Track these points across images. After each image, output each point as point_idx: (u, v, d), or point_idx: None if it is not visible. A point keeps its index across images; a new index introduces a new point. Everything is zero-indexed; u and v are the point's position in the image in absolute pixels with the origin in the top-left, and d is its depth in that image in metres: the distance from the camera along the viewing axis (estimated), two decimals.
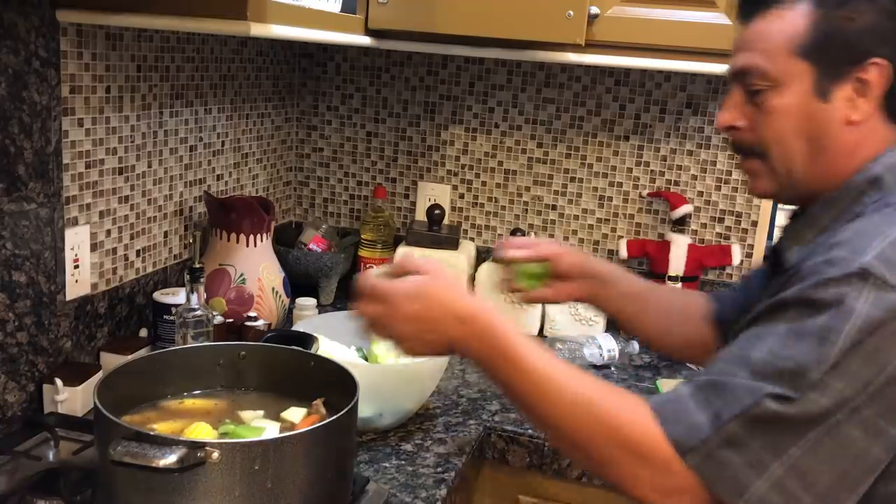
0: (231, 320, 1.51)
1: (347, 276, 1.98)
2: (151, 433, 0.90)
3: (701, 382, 0.86)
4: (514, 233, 1.94)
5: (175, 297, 1.47)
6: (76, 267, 1.36)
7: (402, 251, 1.88)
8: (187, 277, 1.37)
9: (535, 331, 1.86)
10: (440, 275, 0.97)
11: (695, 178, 1.92)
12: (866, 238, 0.82)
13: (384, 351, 1.38)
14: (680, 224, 1.90)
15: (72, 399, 1.29)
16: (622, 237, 1.98)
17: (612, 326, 1.82)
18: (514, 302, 1.85)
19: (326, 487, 0.99)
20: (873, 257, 0.80)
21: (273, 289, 1.64)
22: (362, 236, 1.97)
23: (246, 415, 1.11)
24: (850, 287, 0.79)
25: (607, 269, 1.27)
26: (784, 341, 0.81)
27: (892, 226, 0.83)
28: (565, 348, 1.70)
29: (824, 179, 0.95)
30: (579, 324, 1.84)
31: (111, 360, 1.39)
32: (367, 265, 1.96)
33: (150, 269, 1.58)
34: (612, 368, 1.70)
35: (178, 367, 1.14)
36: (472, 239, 2.08)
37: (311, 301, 1.69)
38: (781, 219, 1.93)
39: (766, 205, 1.89)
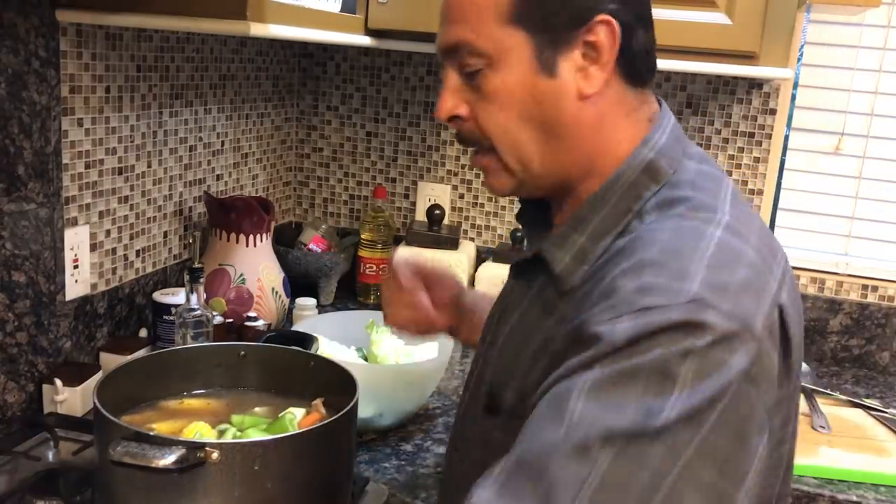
0: (231, 320, 1.51)
1: (347, 277, 1.98)
2: (151, 433, 0.90)
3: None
4: (514, 233, 1.94)
5: (175, 297, 1.47)
6: (76, 267, 1.36)
7: (401, 251, 1.88)
8: (187, 277, 1.37)
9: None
10: None
11: None
12: (680, 259, 0.67)
13: (384, 351, 1.38)
14: None
15: (71, 399, 1.29)
16: None
17: None
18: None
19: (326, 487, 0.98)
20: (701, 286, 0.64)
21: (273, 289, 1.64)
22: (362, 236, 1.97)
23: (260, 410, 1.12)
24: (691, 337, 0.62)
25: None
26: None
27: (699, 239, 0.69)
28: None
29: (573, 166, 0.80)
30: None
31: (111, 361, 1.39)
32: (367, 265, 1.96)
33: (149, 270, 1.58)
34: None
35: (178, 368, 1.14)
36: (472, 239, 2.08)
37: (311, 301, 1.69)
38: (782, 219, 1.93)
39: (767, 204, 1.89)
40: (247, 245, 1.61)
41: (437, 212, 1.90)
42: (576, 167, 0.81)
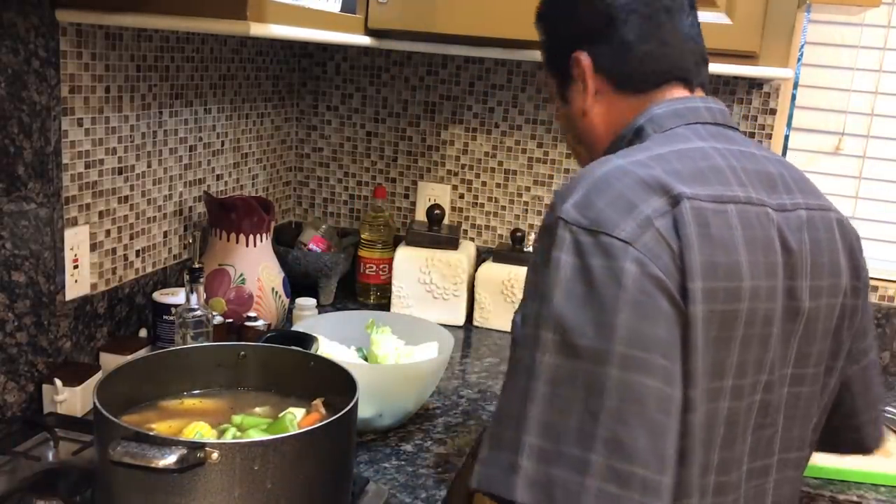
0: (231, 320, 1.51)
1: (347, 277, 1.98)
2: (151, 433, 0.90)
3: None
4: (514, 233, 1.94)
5: (175, 297, 1.47)
6: (76, 267, 1.36)
7: (402, 251, 1.88)
8: (187, 277, 1.37)
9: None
10: None
11: None
12: (574, 183, 0.84)
13: (384, 351, 1.38)
14: None
15: (71, 399, 1.29)
16: None
17: None
18: (513, 302, 1.85)
19: (326, 487, 0.98)
20: (571, 204, 0.81)
21: (273, 289, 1.64)
22: (362, 236, 1.97)
23: (260, 410, 1.12)
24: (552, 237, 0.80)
25: None
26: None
27: (602, 164, 0.84)
28: None
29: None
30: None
31: (111, 361, 1.39)
32: (367, 265, 1.96)
33: (149, 270, 1.58)
34: None
35: (178, 368, 1.14)
36: (472, 239, 2.08)
37: (311, 301, 1.69)
38: None
39: None
40: (247, 245, 1.61)
41: (437, 212, 1.90)
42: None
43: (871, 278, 1.85)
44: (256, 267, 1.62)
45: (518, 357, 0.80)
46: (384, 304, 1.94)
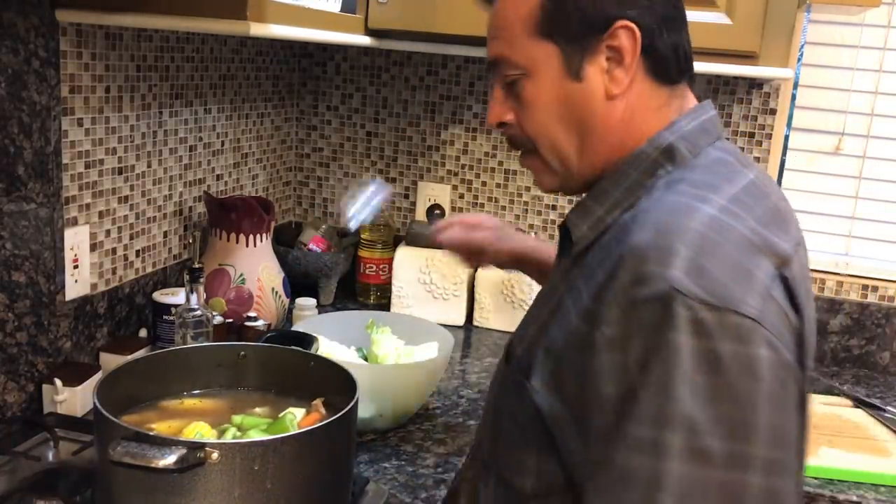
0: (231, 320, 1.51)
1: (347, 277, 1.98)
2: (151, 433, 0.90)
3: None
4: None
5: (175, 297, 1.47)
6: (76, 267, 1.36)
7: (402, 251, 1.88)
8: (187, 277, 1.37)
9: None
10: None
11: None
12: (666, 238, 0.69)
13: (384, 351, 1.38)
14: None
15: (71, 399, 1.29)
16: None
17: None
18: (513, 302, 1.85)
19: (326, 487, 0.98)
20: (681, 271, 0.66)
21: (273, 289, 1.64)
22: (362, 236, 1.97)
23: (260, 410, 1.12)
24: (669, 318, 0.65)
25: (531, 245, 1.28)
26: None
27: (685, 214, 0.71)
28: None
29: (606, 159, 0.86)
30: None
31: (111, 361, 1.39)
32: (367, 265, 1.96)
33: (149, 270, 1.58)
34: None
35: (178, 368, 1.14)
36: None
37: (311, 301, 1.69)
38: None
39: None
40: (247, 245, 1.61)
41: (437, 212, 1.90)
42: (609, 162, 0.86)
43: (871, 278, 1.85)
44: (256, 267, 1.62)
45: (631, 465, 0.66)
46: (384, 304, 1.94)
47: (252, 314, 1.53)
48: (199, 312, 1.37)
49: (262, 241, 1.63)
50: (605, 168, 0.86)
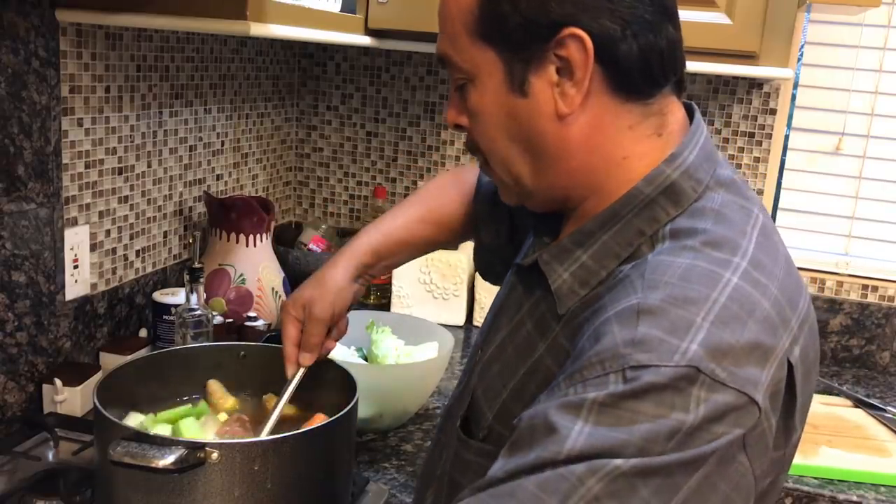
0: (231, 320, 1.51)
1: None
2: (151, 433, 0.90)
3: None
4: None
5: (175, 297, 1.47)
6: (76, 267, 1.36)
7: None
8: (187, 277, 1.37)
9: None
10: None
11: None
12: (685, 307, 0.60)
13: (384, 351, 1.38)
14: None
15: (71, 399, 1.29)
16: None
17: None
18: None
19: (326, 487, 0.98)
20: (701, 346, 0.58)
21: (273, 289, 1.64)
22: None
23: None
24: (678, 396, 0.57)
25: (368, 261, 1.12)
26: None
27: (711, 285, 0.62)
28: None
29: (570, 186, 0.74)
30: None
31: (111, 361, 1.39)
32: None
33: (149, 270, 1.58)
34: None
35: (178, 368, 1.14)
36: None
37: None
38: (782, 219, 1.93)
39: (767, 204, 1.89)
40: (247, 245, 1.61)
41: None
42: (575, 186, 0.74)
43: (871, 278, 1.85)
44: (256, 267, 1.62)
45: None
46: (384, 304, 1.94)
47: (252, 314, 1.53)
48: (199, 312, 1.37)
49: (262, 241, 1.63)
50: (570, 188, 0.74)
